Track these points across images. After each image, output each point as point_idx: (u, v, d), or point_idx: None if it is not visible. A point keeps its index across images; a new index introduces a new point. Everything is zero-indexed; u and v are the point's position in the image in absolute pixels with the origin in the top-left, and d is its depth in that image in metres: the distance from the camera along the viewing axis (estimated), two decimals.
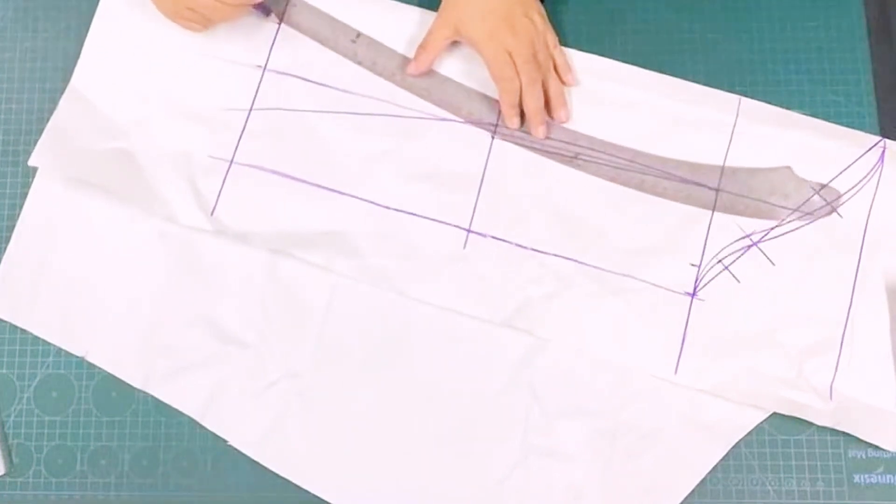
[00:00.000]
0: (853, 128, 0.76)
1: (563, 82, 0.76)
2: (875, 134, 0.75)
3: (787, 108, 0.76)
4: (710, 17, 0.79)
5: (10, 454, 0.73)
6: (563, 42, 0.77)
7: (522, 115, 0.76)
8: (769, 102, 0.76)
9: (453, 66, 0.78)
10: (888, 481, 0.70)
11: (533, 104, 0.75)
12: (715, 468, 0.71)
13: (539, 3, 0.76)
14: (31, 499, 0.72)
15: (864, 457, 0.71)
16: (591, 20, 0.79)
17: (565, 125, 0.76)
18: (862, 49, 0.78)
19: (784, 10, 0.79)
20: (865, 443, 0.71)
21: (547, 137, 0.76)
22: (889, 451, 0.71)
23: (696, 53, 0.78)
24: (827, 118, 0.76)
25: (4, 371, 0.74)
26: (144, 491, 0.72)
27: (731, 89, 0.77)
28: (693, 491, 0.71)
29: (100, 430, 0.73)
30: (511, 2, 0.74)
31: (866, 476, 0.70)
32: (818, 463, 0.71)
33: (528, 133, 0.76)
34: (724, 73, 0.77)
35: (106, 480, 0.72)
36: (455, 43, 0.77)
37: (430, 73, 0.78)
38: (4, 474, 0.72)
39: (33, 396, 0.74)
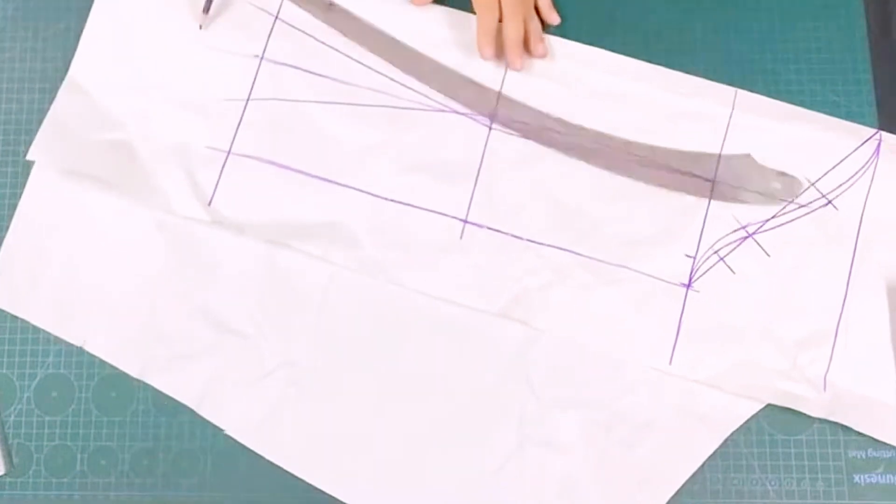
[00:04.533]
0: None
1: (546, 21, 0.77)
2: None
3: None
4: (710, 16, 0.78)
5: (10, 454, 0.72)
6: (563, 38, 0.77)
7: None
8: None
9: (451, 57, 0.77)
10: (888, 481, 0.70)
11: (513, 34, 0.75)
12: (715, 468, 0.70)
13: None
14: (31, 499, 0.72)
15: (864, 457, 0.70)
16: (591, 19, 0.79)
17: (563, 116, 0.76)
18: (862, 49, 0.77)
19: (784, 9, 0.78)
20: (865, 443, 0.70)
21: (530, 125, 0.75)
22: (889, 451, 0.70)
23: (696, 52, 0.77)
24: None
25: (4, 371, 0.73)
26: (144, 491, 0.72)
27: None
28: (693, 491, 0.70)
29: (100, 430, 0.73)
30: None
31: (866, 476, 0.70)
32: (818, 463, 0.70)
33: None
34: (723, 73, 0.77)
35: (106, 480, 0.72)
36: (453, 31, 0.76)
37: (428, 60, 0.77)
38: (4, 474, 0.72)
39: (33, 396, 0.73)
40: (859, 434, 0.70)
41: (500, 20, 0.75)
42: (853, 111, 0.76)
